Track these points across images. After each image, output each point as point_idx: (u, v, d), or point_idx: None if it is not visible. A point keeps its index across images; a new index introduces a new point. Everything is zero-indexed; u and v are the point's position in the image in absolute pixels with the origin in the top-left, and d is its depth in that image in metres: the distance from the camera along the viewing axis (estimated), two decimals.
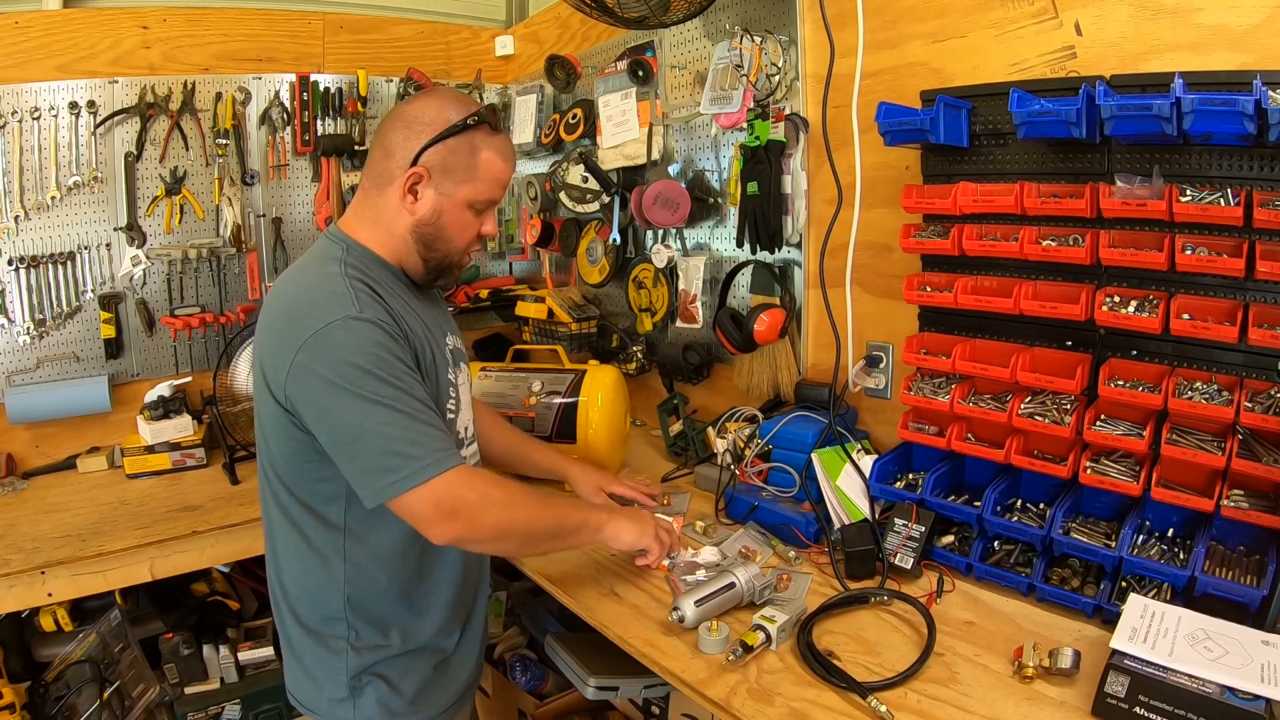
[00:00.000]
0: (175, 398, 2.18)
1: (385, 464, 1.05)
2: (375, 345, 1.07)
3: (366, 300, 1.11)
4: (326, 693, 1.23)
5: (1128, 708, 0.96)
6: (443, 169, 1.19)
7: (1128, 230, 1.24)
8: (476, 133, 1.20)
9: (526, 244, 2.65)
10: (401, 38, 2.68)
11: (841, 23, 1.61)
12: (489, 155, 1.21)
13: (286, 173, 2.47)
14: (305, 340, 1.06)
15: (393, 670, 1.24)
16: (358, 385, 1.05)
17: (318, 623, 1.23)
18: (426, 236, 1.22)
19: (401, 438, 1.05)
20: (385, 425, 1.05)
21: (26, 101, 2.11)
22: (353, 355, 1.05)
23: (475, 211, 1.24)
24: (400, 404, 1.06)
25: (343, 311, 1.07)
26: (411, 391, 1.09)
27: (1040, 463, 1.31)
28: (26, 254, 2.15)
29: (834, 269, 1.69)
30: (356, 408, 1.05)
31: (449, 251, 1.25)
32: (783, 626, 1.18)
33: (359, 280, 1.14)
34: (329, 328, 1.06)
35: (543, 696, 1.99)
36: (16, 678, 1.91)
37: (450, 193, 1.20)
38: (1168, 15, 1.21)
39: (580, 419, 1.81)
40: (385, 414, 1.05)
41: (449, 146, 1.18)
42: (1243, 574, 1.13)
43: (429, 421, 1.09)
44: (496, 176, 1.23)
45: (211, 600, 2.24)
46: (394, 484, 1.05)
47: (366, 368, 1.05)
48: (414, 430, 1.06)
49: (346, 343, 1.06)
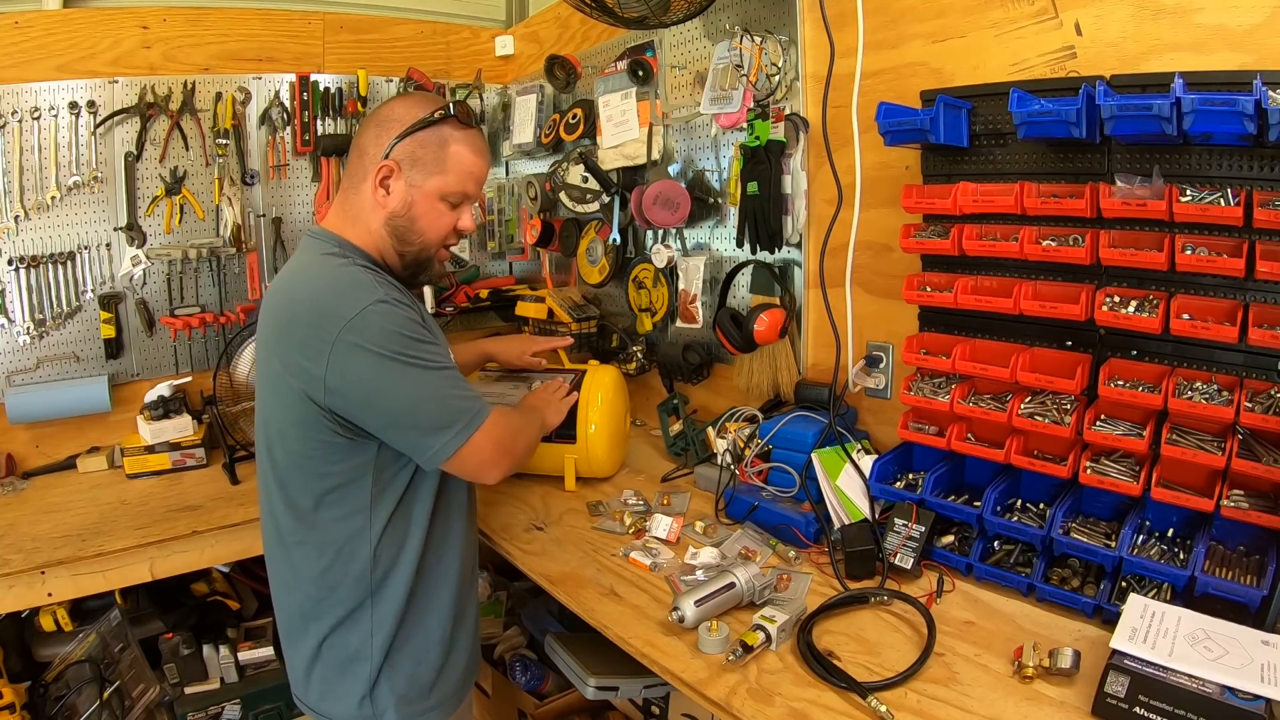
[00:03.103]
0: (175, 398, 2.18)
1: (446, 419, 1.16)
2: (408, 322, 1.15)
3: (378, 284, 1.16)
4: (340, 692, 1.23)
5: (1128, 708, 0.96)
6: (412, 161, 1.22)
7: (1128, 230, 1.24)
8: (445, 126, 1.23)
9: (526, 244, 2.65)
10: (401, 38, 2.68)
11: (841, 23, 1.61)
12: (458, 148, 1.24)
13: (286, 173, 2.47)
14: (343, 326, 1.10)
15: (405, 662, 1.25)
16: (408, 355, 1.13)
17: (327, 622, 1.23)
18: (399, 229, 1.25)
19: (455, 394, 1.18)
20: (439, 387, 1.16)
21: (26, 101, 2.11)
22: (398, 329, 1.13)
23: (449, 205, 1.26)
24: (445, 365, 1.18)
25: (372, 296, 1.12)
26: (447, 356, 1.21)
27: (1040, 463, 1.31)
28: (26, 254, 2.15)
29: (834, 269, 1.69)
30: (411, 374, 1.13)
31: (423, 244, 1.27)
32: (783, 626, 1.18)
33: (368, 271, 1.19)
34: (364, 312, 1.11)
35: (543, 696, 1.99)
36: (16, 678, 1.91)
37: (420, 184, 1.23)
38: (1168, 15, 1.21)
39: (580, 419, 1.81)
40: (436, 377, 1.16)
41: (418, 139, 1.22)
42: (1243, 574, 1.13)
43: (461, 380, 1.23)
44: (467, 169, 1.25)
45: (211, 600, 2.25)
46: (459, 434, 1.16)
47: (412, 337, 1.14)
48: (460, 385, 1.21)
49: (385, 321, 1.12)
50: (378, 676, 1.23)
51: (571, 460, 1.83)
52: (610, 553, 1.53)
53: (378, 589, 1.22)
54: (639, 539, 1.58)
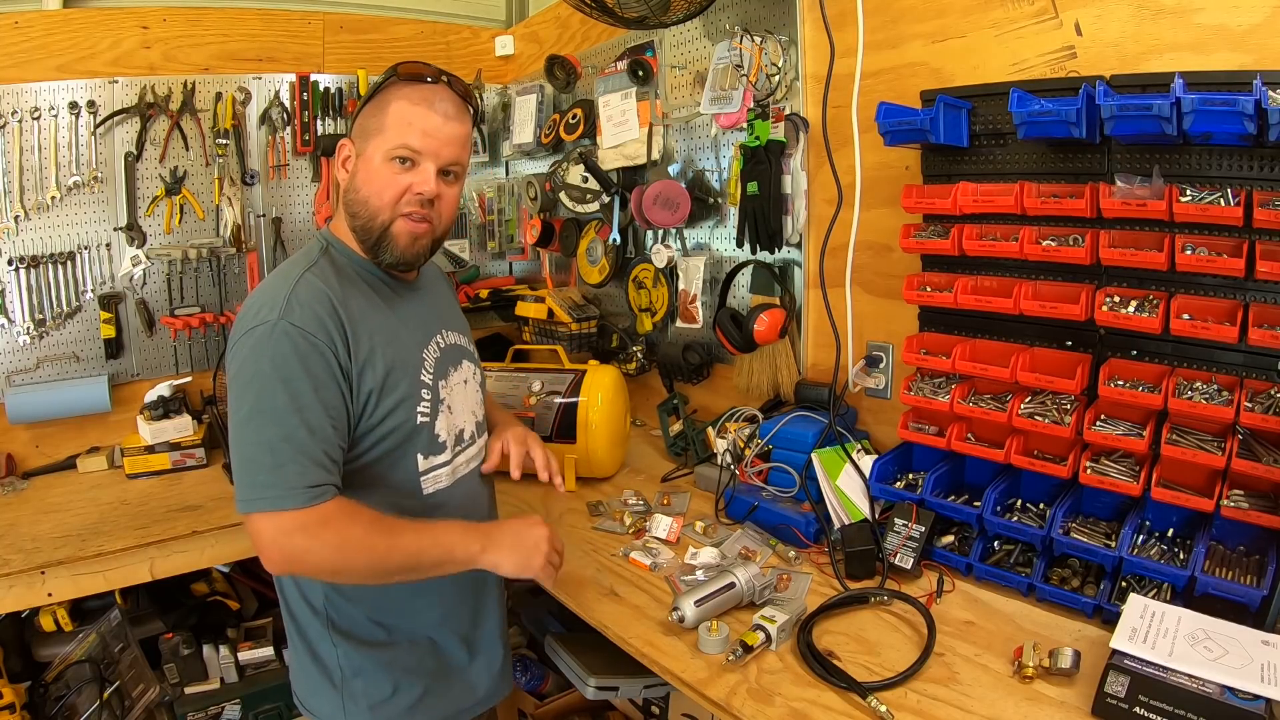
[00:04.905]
0: (175, 398, 2.18)
1: (244, 478, 1.02)
2: (289, 356, 1.03)
3: (304, 305, 1.06)
4: (319, 690, 1.22)
5: (1128, 708, 0.96)
6: (361, 133, 1.16)
7: (1128, 230, 1.24)
8: (390, 88, 1.15)
9: (526, 244, 2.65)
10: (401, 38, 2.68)
11: (841, 23, 1.61)
12: (398, 104, 1.13)
13: (286, 173, 2.47)
14: (234, 339, 1.07)
15: (385, 670, 1.22)
16: (247, 392, 1.03)
17: (306, 617, 1.21)
18: (352, 205, 1.16)
19: (263, 461, 1.01)
20: (253, 444, 1.02)
21: (26, 101, 2.11)
22: (256, 361, 1.03)
23: (396, 165, 1.13)
24: (279, 423, 1.01)
25: (269, 316, 1.04)
26: (301, 412, 1.02)
27: (1040, 463, 1.31)
28: (26, 254, 2.15)
29: (834, 269, 1.69)
30: (241, 414, 1.03)
31: (369, 213, 1.14)
32: (783, 626, 1.18)
33: (318, 282, 1.10)
34: (250, 331, 1.05)
35: (543, 696, 1.99)
36: (16, 678, 1.91)
37: (363, 150, 1.15)
38: (1168, 15, 1.21)
39: (580, 419, 1.81)
40: (259, 430, 1.01)
41: (366, 111, 1.16)
42: (1243, 574, 1.13)
43: (303, 448, 1.01)
44: (407, 119, 1.12)
45: (211, 600, 2.24)
46: (244, 501, 1.01)
47: (270, 375, 1.02)
48: (280, 455, 1.01)
49: (256, 348, 1.04)
50: (343, 680, 1.20)
51: (571, 460, 1.83)
52: (610, 553, 1.53)
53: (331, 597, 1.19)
54: (639, 539, 1.59)
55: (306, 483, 1.01)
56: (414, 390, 1.18)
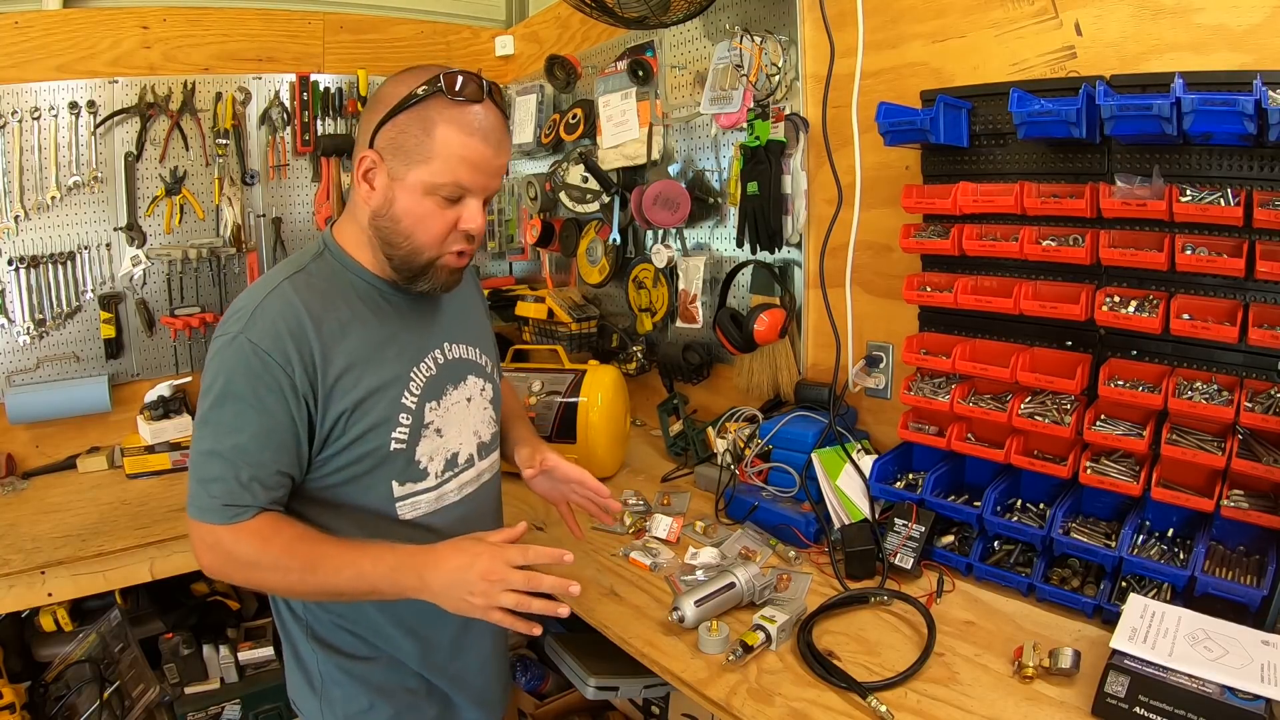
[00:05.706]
0: (175, 398, 2.19)
1: (191, 486, 1.02)
2: (238, 372, 1.01)
3: (269, 320, 1.02)
4: (302, 692, 1.21)
5: (1128, 708, 0.96)
6: (393, 149, 1.03)
7: (1128, 230, 1.24)
8: (431, 104, 1.02)
9: (526, 244, 2.65)
10: (401, 38, 2.68)
11: (841, 23, 1.61)
12: (446, 130, 1.01)
13: (286, 173, 2.47)
14: (210, 343, 1.06)
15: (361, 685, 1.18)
16: (203, 400, 1.03)
17: (289, 620, 1.20)
18: (383, 230, 1.07)
19: (197, 471, 1.02)
20: (195, 451, 1.03)
21: (26, 101, 2.11)
22: (214, 373, 1.02)
23: (442, 200, 1.04)
24: (216, 438, 1.01)
25: (233, 328, 1.02)
26: (239, 432, 1.00)
27: (1040, 463, 1.31)
28: (26, 254, 2.15)
29: (834, 269, 1.69)
30: (196, 418, 1.04)
31: (412, 249, 1.07)
32: (783, 626, 1.18)
33: (293, 294, 1.05)
34: (216, 339, 1.04)
35: (543, 696, 1.99)
36: (16, 678, 1.91)
37: (401, 176, 1.03)
38: (1168, 15, 1.21)
39: (580, 419, 1.81)
40: (200, 440, 1.02)
41: (399, 124, 1.03)
42: (1243, 574, 1.13)
43: (231, 467, 1.00)
44: (456, 154, 1.02)
45: (211, 600, 2.24)
46: (190, 504, 1.02)
47: (220, 389, 1.01)
48: (209, 470, 1.01)
49: (216, 358, 1.03)
50: (323, 686, 1.19)
51: (572, 460, 1.82)
52: (610, 553, 1.53)
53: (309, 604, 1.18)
54: (639, 539, 1.59)
55: (225, 501, 1.00)
56: (391, 414, 1.09)
